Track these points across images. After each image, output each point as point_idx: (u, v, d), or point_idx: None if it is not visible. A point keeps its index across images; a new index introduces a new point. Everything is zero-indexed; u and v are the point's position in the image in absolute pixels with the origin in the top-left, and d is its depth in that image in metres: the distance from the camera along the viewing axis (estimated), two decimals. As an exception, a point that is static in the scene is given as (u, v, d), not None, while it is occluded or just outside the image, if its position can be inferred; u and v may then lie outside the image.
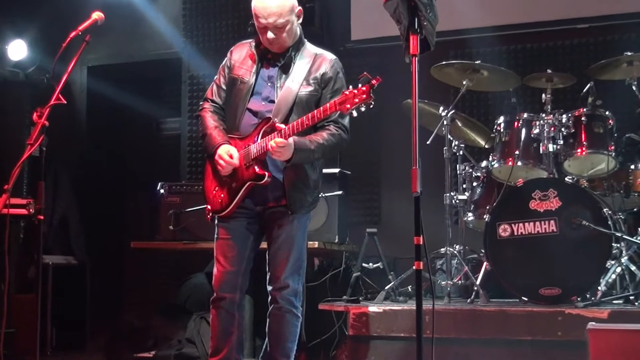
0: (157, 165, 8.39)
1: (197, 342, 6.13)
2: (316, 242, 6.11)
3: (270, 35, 4.26)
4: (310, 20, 7.52)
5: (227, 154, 4.24)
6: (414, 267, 5.70)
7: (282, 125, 4.11)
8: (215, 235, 4.40)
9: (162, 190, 6.61)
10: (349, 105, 3.92)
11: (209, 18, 8.13)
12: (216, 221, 4.40)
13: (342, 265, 6.45)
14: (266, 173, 4.19)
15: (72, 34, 4.51)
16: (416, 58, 3.55)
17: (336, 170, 6.57)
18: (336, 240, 6.39)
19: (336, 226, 6.40)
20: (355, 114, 3.97)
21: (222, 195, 4.32)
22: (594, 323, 3.54)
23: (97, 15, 4.62)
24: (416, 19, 3.64)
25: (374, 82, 3.88)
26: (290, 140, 4.08)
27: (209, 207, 4.41)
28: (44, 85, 7.65)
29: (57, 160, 8.08)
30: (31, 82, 7.84)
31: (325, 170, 6.43)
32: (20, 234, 7.05)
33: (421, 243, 3.53)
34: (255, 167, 4.20)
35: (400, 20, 3.72)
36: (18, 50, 7.87)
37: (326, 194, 6.22)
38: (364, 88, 3.89)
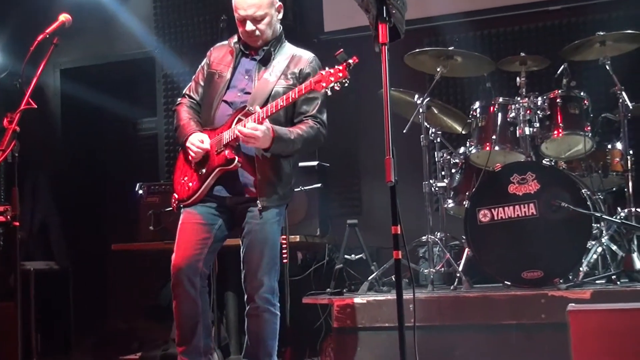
0: (135, 166, 8.33)
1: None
2: (297, 236, 6.10)
3: (248, 26, 4.26)
4: (283, 14, 7.49)
5: (198, 139, 4.23)
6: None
7: (257, 109, 4.08)
8: (180, 221, 4.34)
9: (140, 191, 6.57)
10: (324, 84, 3.92)
11: (180, 16, 8.07)
12: (183, 207, 4.35)
13: (325, 257, 6.44)
14: (236, 157, 4.16)
15: (40, 37, 4.50)
16: (386, 47, 3.52)
17: (314, 163, 6.55)
18: (318, 233, 6.38)
19: (317, 219, 6.39)
20: (330, 92, 3.96)
21: (191, 183, 4.29)
22: (573, 304, 3.54)
23: (64, 17, 4.60)
24: (384, 8, 3.60)
25: (350, 61, 3.88)
26: (267, 125, 4.04)
27: (175, 195, 4.37)
28: (16, 91, 7.56)
29: (34, 166, 8.03)
30: (3, 88, 7.77)
31: (303, 164, 6.46)
32: (0, 241, 7.00)
33: (399, 232, 3.47)
34: (226, 152, 4.16)
35: (368, 10, 3.69)
36: (-11, 55, 7.82)
37: (305, 187, 6.21)
38: (340, 67, 3.89)
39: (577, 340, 3.33)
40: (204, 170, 4.26)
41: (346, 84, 3.92)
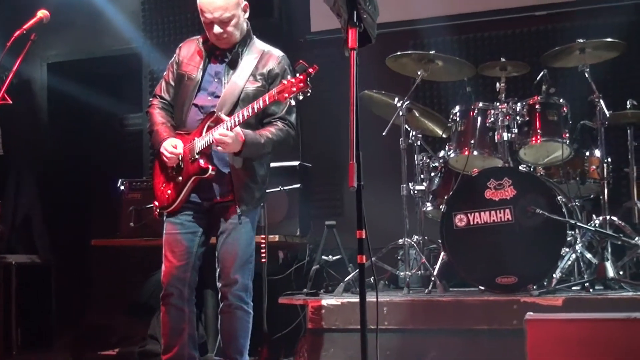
0: (120, 161, 8.35)
1: (159, 338, 6.11)
2: (277, 236, 6.10)
3: (216, 29, 4.25)
4: (269, 12, 7.52)
5: (172, 145, 4.24)
6: (372, 259, 5.85)
7: (225, 117, 4.11)
8: (164, 232, 4.38)
9: (122, 187, 6.58)
10: (287, 95, 3.94)
11: (168, 12, 8.09)
12: (164, 217, 4.38)
13: (306, 257, 6.44)
14: (210, 167, 4.19)
15: (17, 33, 4.49)
16: (355, 51, 3.52)
17: (296, 163, 6.56)
18: (298, 233, 6.38)
19: (297, 219, 6.40)
20: (293, 102, 4.00)
21: (169, 190, 4.32)
22: (531, 313, 3.55)
23: (42, 13, 4.59)
24: (355, 12, 3.61)
25: (310, 70, 3.92)
26: (237, 130, 4.07)
27: (156, 203, 4.40)
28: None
29: (19, 159, 8.04)
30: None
31: (285, 163, 6.49)
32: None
33: (363, 237, 3.48)
34: (200, 161, 4.20)
35: (340, 14, 3.70)
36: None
37: (285, 187, 6.22)
38: (301, 77, 3.92)
39: (533, 349, 3.35)
40: (180, 179, 4.29)
41: (308, 94, 3.96)
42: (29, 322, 7.37)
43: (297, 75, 3.93)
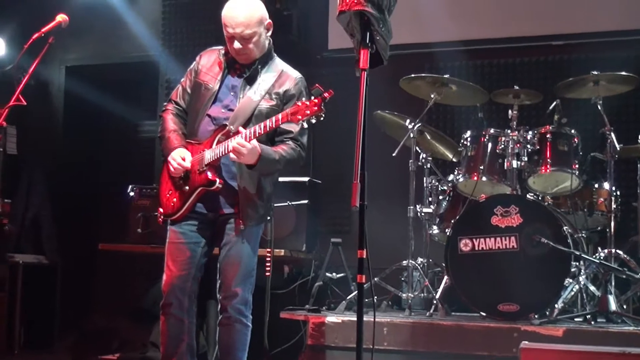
0: (132, 168, 8.38)
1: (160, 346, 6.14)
2: (282, 250, 6.13)
3: (236, 45, 4.28)
4: (287, 28, 7.56)
5: (180, 156, 4.26)
6: (375, 279, 5.87)
7: (242, 129, 4.11)
8: (167, 240, 4.40)
9: (132, 193, 6.62)
10: (300, 117, 3.94)
11: (188, 22, 8.13)
12: (168, 225, 4.40)
13: (311, 273, 6.46)
14: (217, 179, 4.21)
15: (35, 36, 4.54)
16: (365, 72, 3.55)
17: (306, 179, 6.59)
18: (304, 249, 6.40)
19: (304, 235, 6.42)
20: (306, 125, 4.00)
21: (175, 199, 4.33)
22: (526, 342, 3.55)
23: (61, 17, 4.63)
24: (368, 34, 3.64)
25: (326, 95, 3.90)
26: (254, 143, 4.07)
27: (161, 209, 4.41)
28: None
29: (32, 159, 8.10)
30: (7, 81, 7.84)
31: (295, 179, 6.52)
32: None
33: (364, 256, 3.50)
34: (208, 173, 4.21)
35: (353, 34, 3.73)
36: (-4, 47, 7.89)
37: (293, 202, 6.24)
38: (315, 100, 3.92)
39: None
40: (186, 188, 4.30)
41: (322, 118, 3.96)
42: (32, 322, 7.42)
43: (312, 98, 3.92)
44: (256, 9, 4.31)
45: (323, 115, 3.94)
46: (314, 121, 3.96)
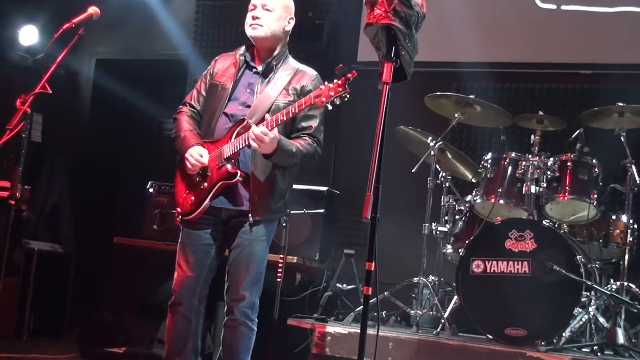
0: (153, 164, 8.43)
1: (167, 343, 6.15)
2: (295, 257, 6.14)
3: (257, 11, 4.33)
4: (317, 37, 7.60)
5: (198, 153, 4.27)
6: (385, 293, 5.87)
7: (267, 116, 4.11)
8: (179, 239, 4.41)
9: (151, 189, 6.64)
10: (324, 99, 3.94)
11: (219, 24, 8.20)
12: (181, 225, 4.41)
13: (322, 283, 6.46)
14: (238, 172, 4.20)
15: (66, 26, 4.55)
16: (388, 85, 3.55)
17: (324, 188, 6.60)
18: (317, 258, 6.41)
19: (318, 244, 6.43)
20: (330, 107, 3.99)
21: (193, 197, 4.33)
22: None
23: (92, 10, 4.65)
24: (394, 48, 3.65)
25: (349, 75, 3.92)
26: (275, 132, 4.08)
27: (178, 209, 4.41)
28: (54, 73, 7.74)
29: (56, 148, 8.16)
30: (38, 69, 7.92)
31: (314, 187, 6.53)
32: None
33: (372, 269, 3.50)
34: (228, 166, 4.20)
35: (379, 47, 3.75)
36: (29, 35, 7.97)
37: (310, 211, 6.26)
38: (339, 82, 3.93)
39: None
40: (205, 184, 4.29)
41: (346, 99, 3.95)
42: (43, 310, 7.46)
43: (336, 80, 3.93)
44: None
45: (348, 95, 3.93)
46: (338, 102, 3.95)
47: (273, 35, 4.39)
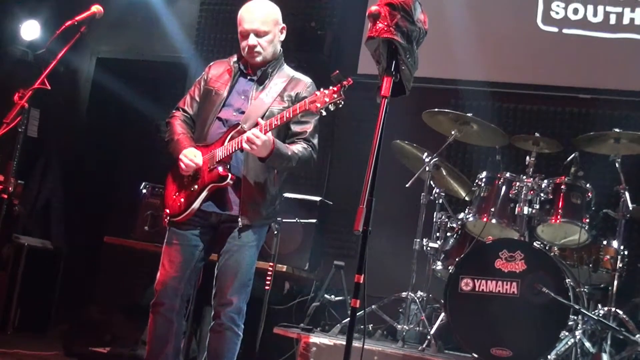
0: (149, 165, 8.40)
1: (150, 345, 6.13)
2: (285, 266, 6.13)
3: (251, 40, 4.32)
4: (319, 47, 7.62)
5: (192, 154, 4.27)
6: (373, 306, 5.87)
7: (261, 120, 4.12)
8: (165, 240, 4.40)
9: (144, 190, 6.64)
10: (319, 104, 3.93)
11: (222, 30, 8.22)
12: (169, 226, 4.41)
13: (311, 293, 6.46)
14: (229, 175, 4.20)
15: (68, 23, 4.56)
16: (386, 100, 3.55)
17: (318, 198, 6.60)
18: (306, 268, 6.41)
19: (309, 254, 6.43)
20: (324, 113, 3.98)
21: (182, 199, 4.32)
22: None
23: (96, 8, 4.67)
24: (394, 62, 3.65)
25: (345, 82, 3.92)
26: (270, 136, 4.08)
27: (167, 210, 4.40)
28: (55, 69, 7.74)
29: (51, 145, 8.16)
30: (39, 63, 7.93)
31: (307, 197, 6.54)
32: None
33: (361, 282, 3.50)
34: (219, 168, 4.20)
35: (379, 61, 3.74)
36: (31, 30, 7.97)
37: (302, 220, 6.26)
38: (334, 88, 3.93)
39: None
40: (195, 187, 4.29)
41: (340, 105, 3.94)
42: (29, 305, 7.44)
43: (331, 87, 3.93)
44: (274, 10, 4.40)
45: (342, 102, 3.93)
46: (332, 108, 3.94)
47: (273, 54, 4.42)
